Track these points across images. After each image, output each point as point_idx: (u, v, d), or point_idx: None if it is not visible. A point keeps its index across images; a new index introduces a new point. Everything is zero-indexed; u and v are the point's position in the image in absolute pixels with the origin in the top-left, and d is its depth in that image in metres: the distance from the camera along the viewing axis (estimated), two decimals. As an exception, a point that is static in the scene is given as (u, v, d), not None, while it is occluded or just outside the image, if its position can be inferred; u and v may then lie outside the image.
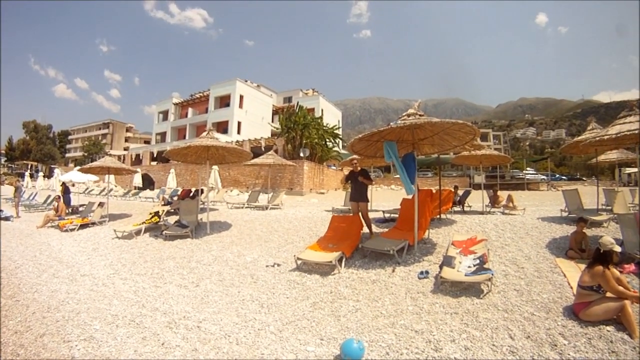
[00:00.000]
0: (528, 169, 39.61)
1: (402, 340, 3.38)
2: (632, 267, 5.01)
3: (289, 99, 49.28)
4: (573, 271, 4.86)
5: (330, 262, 5.40)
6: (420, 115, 5.51)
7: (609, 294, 3.68)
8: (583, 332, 3.39)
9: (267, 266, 5.97)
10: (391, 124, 5.57)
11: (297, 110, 24.75)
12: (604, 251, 3.79)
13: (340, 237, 6.41)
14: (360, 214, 6.92)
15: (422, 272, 4.98)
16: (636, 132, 5.71)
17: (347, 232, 6.50)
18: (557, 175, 44.65)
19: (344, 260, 5.70)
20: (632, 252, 5.23)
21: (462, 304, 4.06)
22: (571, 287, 4.32)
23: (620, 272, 4.58)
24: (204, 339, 3.64)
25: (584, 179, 40.37)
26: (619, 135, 5.93)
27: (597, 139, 6.33)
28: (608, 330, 3.39)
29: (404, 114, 5.71)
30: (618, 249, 3.82)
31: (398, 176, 5.87)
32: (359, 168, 7.07)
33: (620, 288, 3.70)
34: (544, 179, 33.72)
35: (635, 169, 35.99)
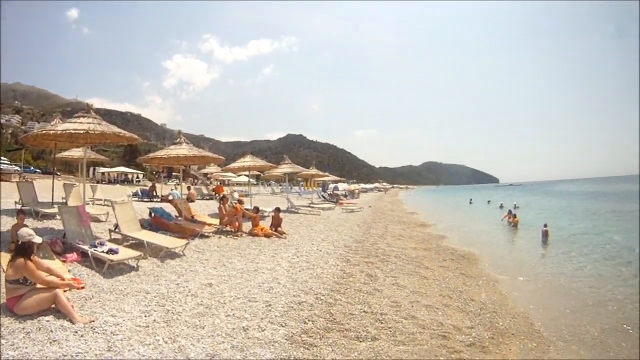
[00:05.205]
0: (3, 158, 37.10)
1: None
2: (74, 256, 5.10)
3: None
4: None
5: None
6: None
7: (39, 285, 3.58)
8: (21, 327, 3.24)
9: None
10: None
11: None
12: (23, 242, 3.60)
13: None
14: None
15: None
16: (81, 132, 6.01)
17: None
18: (32, 168, 44.76)
19: None
20: (74, 241, 5.37)
21: None
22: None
23: (64, 261, 4.86)
24: None
25: (59, 173, 42.69)
26: (64, 131, 6.18)
27: (43, 132, 6.63)
28: (47, 320, 3.36)
29: None
30: (38, 240, 3.73)
31: None
32: None
33: (48, 278, 3.66)
34: (17, 170, 33.40)
35: (110, 169, 43.67)
